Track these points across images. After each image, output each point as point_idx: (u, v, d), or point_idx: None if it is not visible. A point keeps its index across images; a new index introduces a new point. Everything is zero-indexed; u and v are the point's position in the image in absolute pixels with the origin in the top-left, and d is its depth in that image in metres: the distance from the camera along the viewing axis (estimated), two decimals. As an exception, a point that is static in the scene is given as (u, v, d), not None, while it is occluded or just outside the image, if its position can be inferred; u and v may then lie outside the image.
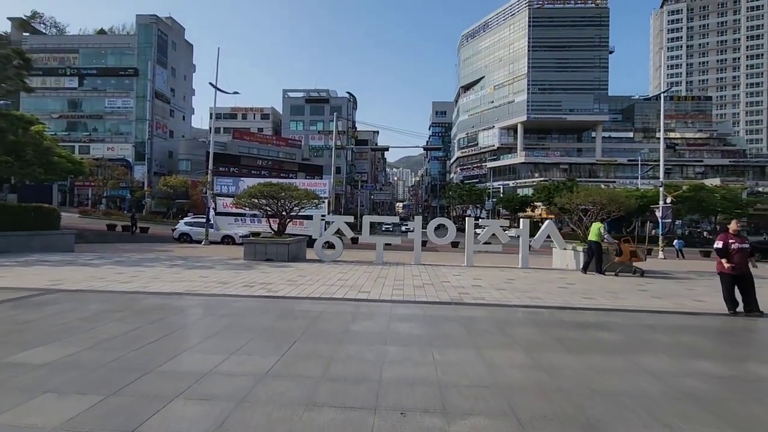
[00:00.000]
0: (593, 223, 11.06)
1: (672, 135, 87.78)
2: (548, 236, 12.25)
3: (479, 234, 12.35)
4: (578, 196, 12.05)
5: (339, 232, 13.09)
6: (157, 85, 64.23)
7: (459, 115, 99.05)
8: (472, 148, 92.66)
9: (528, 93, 79.47)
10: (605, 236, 11.10)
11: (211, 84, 25.15)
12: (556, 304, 7.04)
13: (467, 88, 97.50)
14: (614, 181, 74.08)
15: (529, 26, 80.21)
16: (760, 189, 71.19)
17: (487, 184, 79.31)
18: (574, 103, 78.96)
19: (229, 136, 68.79)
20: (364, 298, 7.22)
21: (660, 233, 21.14)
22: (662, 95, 23.38)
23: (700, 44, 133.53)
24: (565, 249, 12.36)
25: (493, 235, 12.30)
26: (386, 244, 13.39)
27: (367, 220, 12.62)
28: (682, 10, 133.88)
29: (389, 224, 63.03)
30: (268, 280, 8.71)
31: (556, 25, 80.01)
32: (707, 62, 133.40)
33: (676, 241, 23.98)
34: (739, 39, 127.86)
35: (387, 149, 23.47)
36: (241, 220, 23.56)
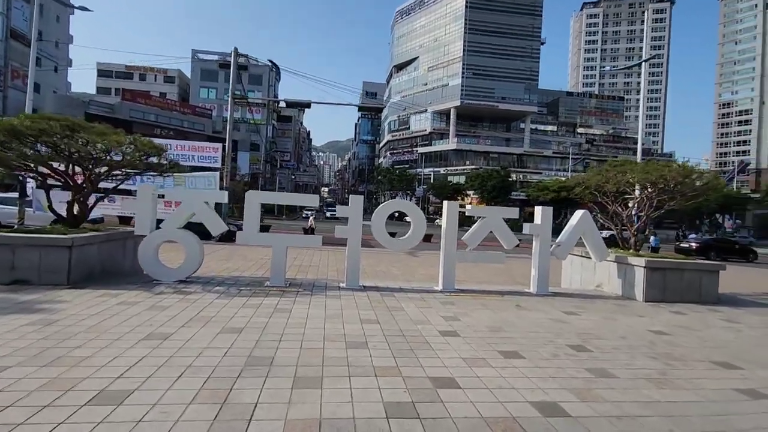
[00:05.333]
0: None
1: (591, 131, 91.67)
2: (580, 238, 7.14)
3: (467, 232, 6.85)
4: (636, 172, 7.07)
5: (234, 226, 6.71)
6: (15, 21, 49.85)
7: (391, 95, 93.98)
8: (404, 132, 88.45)
9: (462, 77, 76.71)
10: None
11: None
12: None
13: (400, 67, 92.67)
14: (541, 172, 74.85)
15: (466, 7, 77.10)
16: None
17: (418, 170, 75.75)
18: (507, 91, 77.93)
19: (119, 98, 56.66)
20: None
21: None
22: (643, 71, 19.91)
23: (612, 49, 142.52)
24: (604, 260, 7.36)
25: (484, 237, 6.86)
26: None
27: (253, 200, 6.32)
28: (599, 15, 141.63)
29: (311, 210, 55.58)
30: None
31: (492, 10, 77.87)
32: (617, 66, 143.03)
33: (652, 237, 21.13)
34: (642, 48, 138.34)
35: (309, 105, 17.60)
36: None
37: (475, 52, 77.25)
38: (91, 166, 6.69)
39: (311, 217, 20.17)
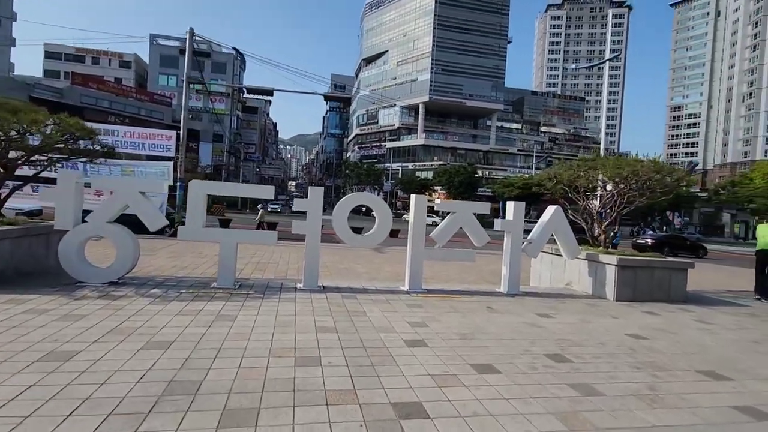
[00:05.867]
0: (764, 225, 7.54)
1: (554, 130, 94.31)
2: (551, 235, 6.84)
3: (436, 228, 6.38)
4: (608, 167, 6.83)
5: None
6: (-56, -7, 45.23)
7: (359, 89, 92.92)
8: (372, 126, 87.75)
9: (431, 73, 76.80)
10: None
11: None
12: None
13: (369, 61, 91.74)
14: (506, 169, 76.31)
15: (436, 3, 77.11)
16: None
17: (387, 164, 75.37)
18: (474, 88, 78.75)
19: (69, 82, 52.88)
20: None
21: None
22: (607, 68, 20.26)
23: (574, 51, 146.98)
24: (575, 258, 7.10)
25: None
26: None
27: (197, 190, 5.54)
28: (562, 17, 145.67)
29: (278, 203, 54.06)
30: None
31: (460, 6, 78.29)
32: (579, 64, 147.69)
33: (612, 233, 21.60)
34: (604, 51, 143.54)
35: (271, 92, 16.71)
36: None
37: (444, 48, 77.51)
38: (2, 150, 5.71)
39: (261, 211, 19.05)
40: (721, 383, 3.36)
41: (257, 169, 78.83)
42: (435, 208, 6.96)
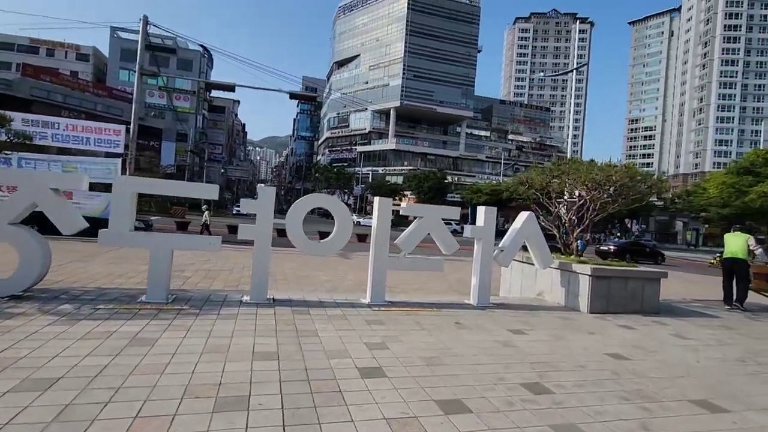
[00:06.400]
0: (734, 233, 7.41)
1: (521, 138, 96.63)
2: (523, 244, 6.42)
3: (402, 234, 5.81)
4: (579, 172, 6.49)
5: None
6: None
7: (331, 92, 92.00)
8: (343, 130, 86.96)
9: (403, 78, 77.00)
10: (757, 251, 7.28)
11: None
12: None
13: (341, 64, 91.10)
14: (474, 176, 77.31)
15: (408, 9, 77.53)
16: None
17: (357, 168, 74.74)
18: (445, 95, 79.57)
19: (19, 73, 49.48)
20: None
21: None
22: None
23: (540, 63, 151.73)
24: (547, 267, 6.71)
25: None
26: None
27: (124, 189, 4.66)
28: (529, 29, 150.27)
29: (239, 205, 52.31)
30: None
31: (433, 14, 79.10)
32: (544, 80, 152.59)
33: (579, 241, 21.79)
34: (567, 64, 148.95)
35: (233, 88, 15.66)
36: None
37: (416, 55, 77.96)
38: None
39: (206, 213, 17.97)
40: (718, 417, 2.94)
41: (223, 170, 76.29)
42: (401, 212, 6.40)
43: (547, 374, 3.51)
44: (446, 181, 59.26)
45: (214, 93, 79.28)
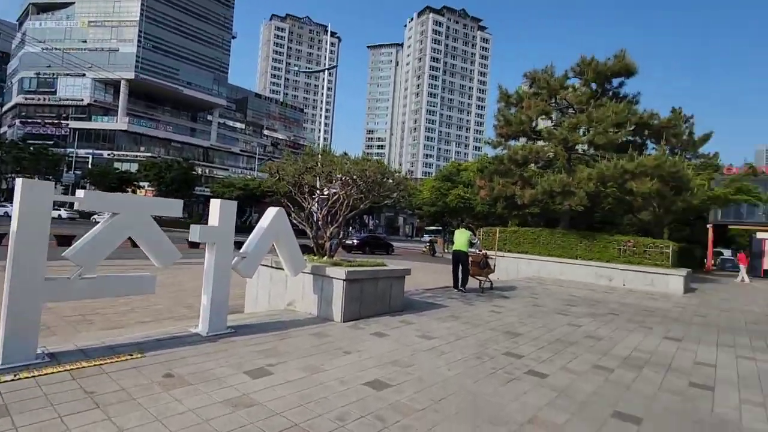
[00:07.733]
0: (460, 230, 8.86)
1: (276, 135, 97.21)
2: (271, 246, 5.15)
3: (77, 246, 3.55)
4: (334, 164, 5.68)
5: None
6: None
7: (25, 44, 67.81)
8: (47, 97, 65.70)
9: (139, 47, 64.30)
10: (476, 243, 9.14)
11: None
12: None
13: (44, 9, 68.45)
14: (228, 169, 72.50)
15: (146, -36, 65.19)
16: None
17: (69, 149, 57.80)
18: (193, 77, 71.25)
19: None
20: None
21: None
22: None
23: (295, 65, 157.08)
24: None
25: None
26: None
27: None
28: (285, 30, 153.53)
29: None
30: None
31: (179, -18, 69.27)
32: (297, 81, 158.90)
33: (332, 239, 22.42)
34: (324, 79, 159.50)
35: None
36: None
37: (156, 23, 66.47)
38: None
39: None
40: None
41: None
42: (77, 205, 4.11)
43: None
44: (194, 172, 52.82)
45: None
